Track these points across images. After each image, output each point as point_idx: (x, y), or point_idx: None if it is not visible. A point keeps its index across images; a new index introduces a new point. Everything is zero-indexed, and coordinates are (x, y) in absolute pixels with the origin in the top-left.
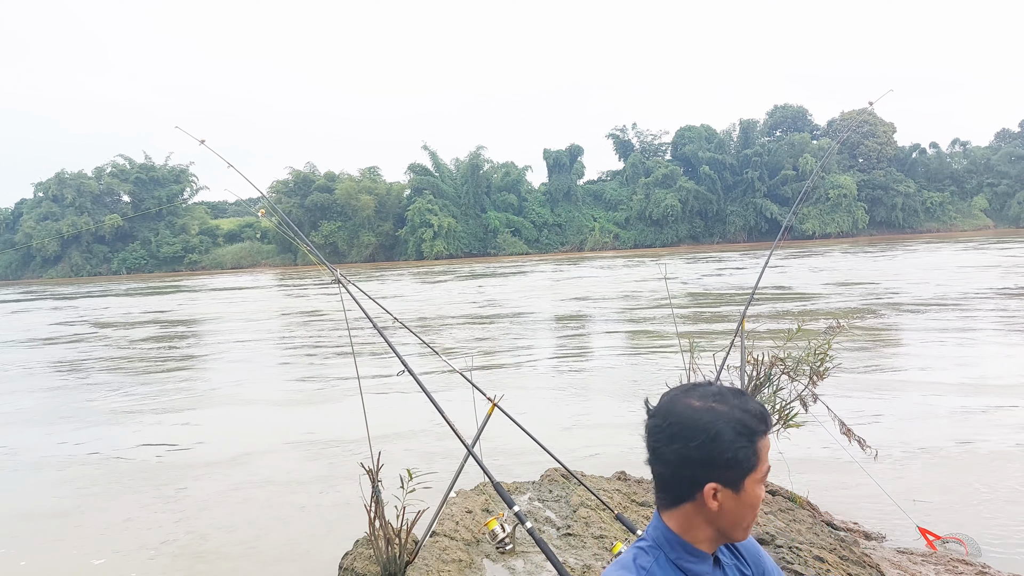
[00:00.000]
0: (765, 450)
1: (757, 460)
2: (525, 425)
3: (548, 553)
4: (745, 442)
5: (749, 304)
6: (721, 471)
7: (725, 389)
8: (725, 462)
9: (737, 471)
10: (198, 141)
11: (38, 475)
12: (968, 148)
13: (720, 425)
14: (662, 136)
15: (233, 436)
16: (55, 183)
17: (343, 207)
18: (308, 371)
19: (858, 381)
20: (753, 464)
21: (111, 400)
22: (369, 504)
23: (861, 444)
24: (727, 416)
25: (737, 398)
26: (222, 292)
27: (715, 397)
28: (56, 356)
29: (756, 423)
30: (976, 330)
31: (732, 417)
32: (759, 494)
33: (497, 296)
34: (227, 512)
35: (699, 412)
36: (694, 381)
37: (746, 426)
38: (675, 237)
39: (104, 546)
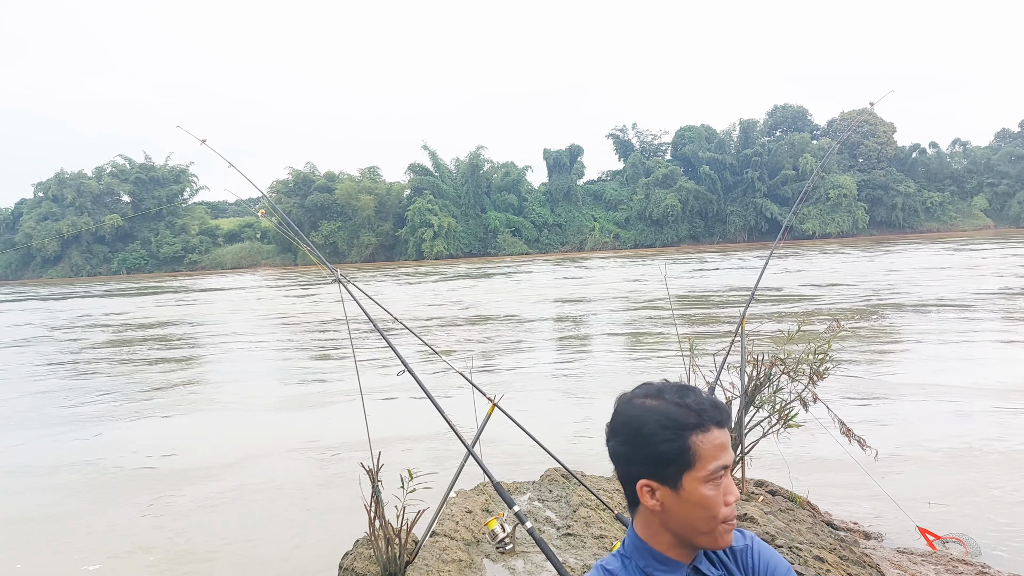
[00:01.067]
0: (707, 446)
1: (692, 456)
2: (525, 425)
3: (548, 553)
4: (670, 435)
5: (749, 304)
6: (651, 467)
7: (670, 386)
8: (649, 457)
9: (669, 467)
10: (199, 140)
11: (28, 480)
12: (968, 148)
13: (645, 419)
14: (662, 136)
15: (232, 437)
16: (55, 183)
17: (343, 207)
18: (307, 371)
19: (858, 381)
20: (688, 460)
21: (110, 403)
22: (369, 504)
23: (861, 444)
24: (655, 410)
25: (675, 393)
26: (216, 293)
27: (654, 394)
28: (50, 359)
29: (686, 416)
30: (977, 331)
31: (659, 411)
32: (708, 495)
33: (497, 296)
34: (227, 512)
35: (631, 408)
36: (660, 382)
37: (672, 419)
38: (675, 237)
39: (99, 551)
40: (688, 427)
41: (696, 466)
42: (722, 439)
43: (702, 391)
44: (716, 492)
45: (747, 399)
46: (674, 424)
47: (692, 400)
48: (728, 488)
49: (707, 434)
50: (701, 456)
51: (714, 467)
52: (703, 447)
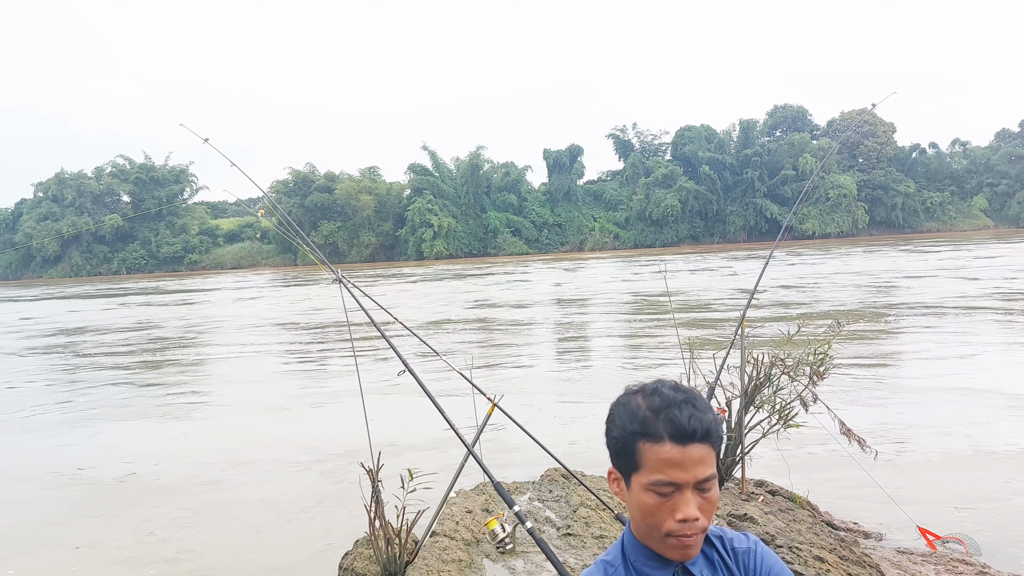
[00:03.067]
0: (652, 457)
1: (637, 460)
2: (525, 425)
3: (548, 553)
4: (618, 433)
5: (749, 304)
6: (612, 457)
7: (664, 389)
8: (609, 446)
9: (620, 461)
10: (202, 140)
11: (9, 488)
12: (968, 148)
13: (615, 410)
14: (662, 136)
15: (232, 438)
16: (55, 183)
17: (343, 207)
18: (307, 372)
19: (858, 381)
20: (634, 463)
21: (109, 405)
22: (369, 504)
23: (861, 444)
24: (625, 405)
25: (655, 397)
26: (215, 293)
27: (642, 390)
28: (44, 363)
29: (635, 421)
30: (977, 331)
31: (627, 407)
32: (647, 502)
33: (497, 296)
34: (226, 513)
35: (621, 397)
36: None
37: (626, 419)
38: (675, 237)
39: (90, 562)
40: (635, 432)
41: (640, 471)
42: (673, 455)
43: (697, 404)
44: (657, 502)
45: (747, 399)
46: (625, 424)
47: (658, 406)
48: (678, 505)
49: (657, 445)
50: (645, 464)
51: (655, 479)
52: (648, 456)
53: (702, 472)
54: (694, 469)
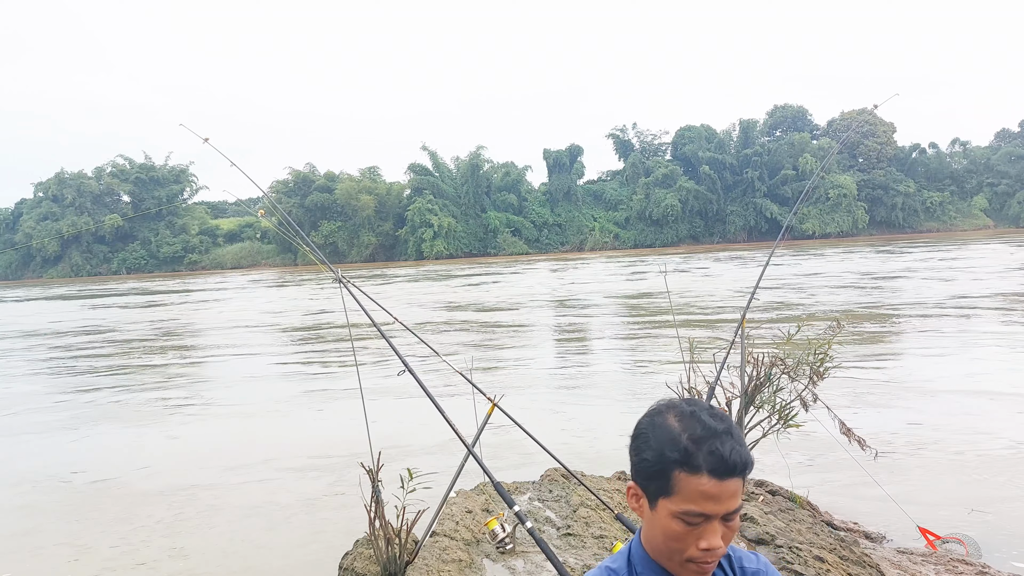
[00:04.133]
0: (689, 487)
1: (671, 487)
2: (525, 425)
3: (548, 553)
4: (655, 457)
5: (749, 304)
6: (638, 475)
7: (702, 414)
8: (636, 465)
9: (650, 483)
10: (202, 139)
11: (10, 491)
12: (968, 148)
13: (649, 430)
14: (662, 136)
15: (231, 438)
16: (55, 183)
17: (343, 207)
18: (307, 372)
19: (858, 381)
20: (666, 488)
21: (103, 408)
22: (369, 504)
23: (861, 444)
24: (662, 427)
25: (698, 425)
26: (214, 293)
27: (680, 413)
28: (35, 364)
29: (684, 452)
30: (977, 331)
31: (663, 430)
32: (675, 529)
33: (497, 296)
34: (225, 513)
35: (652, 413)
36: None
37: (664, 444)
38: (675, 237)
39: (88, 567)
40: (674, 461)
41: (672, 498)
42: (711, 489)
43: (735, 435)
44: (684, 531)
45: (747, 399)
46: (664, 450)
47: (700, 436)
48: (704, 535)
49: (695, 476)
50: (680, 492)
51: (687, 509)
52: (683, 486)
53: (733, 504)
54: (727, 502)
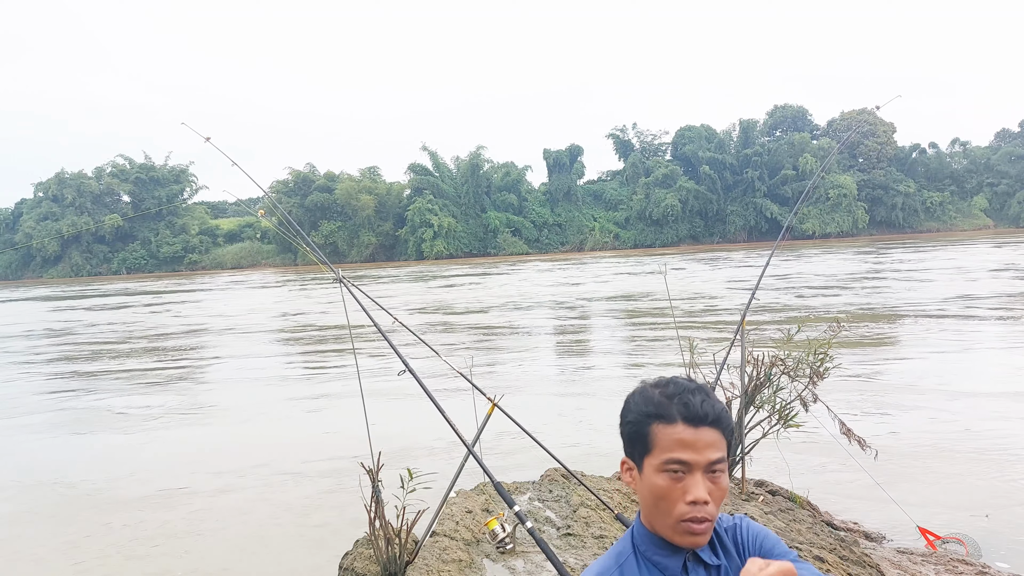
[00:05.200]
0: (665, 436)
1: (650, 442)
2: (525, 425)
3: (548, 553)
4: (634, 418)
5: (749, 304)
6: (626, 446)
7: (676, 380)
8: (623, 435)
9: (634, 448)
10: (204, 138)
11: (2, 494)
12: (968, 148)
13: (630, 400)
14: (662, 136)
15: (230, 438)
16: (55, 183)
17: (343, 207)
18: (306, 372)
19: (858, 382)
20: (646, 445)
21: (100, 411)
22: (369, 504)
23: (861, 444)
24: (640, 394)
25: (668, 385)
26: (213, 293)
27: (656, 383)
28: (39, 367)
29: (657, 406)
30: (977, 332)
31: (641, 396)
32: (659, 484)
33: (497, 296)
34: (225, 513)
35: (635, 390)
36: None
37: (640, 405)
38: (675, 237)
39: (89, 564)
40: (650, 415)
41: (652, 452)
42: (685, 436)
43: (709, 393)
44: (669, 484)
45: (747, 399)
46: (640, 409)
47: (672, 390)
48: (689, 487)
49: (670, 426)
50: (657, 444)
51: (666, 458)
52: (661, 437)
53: (713, 454)
54: (705, 451)
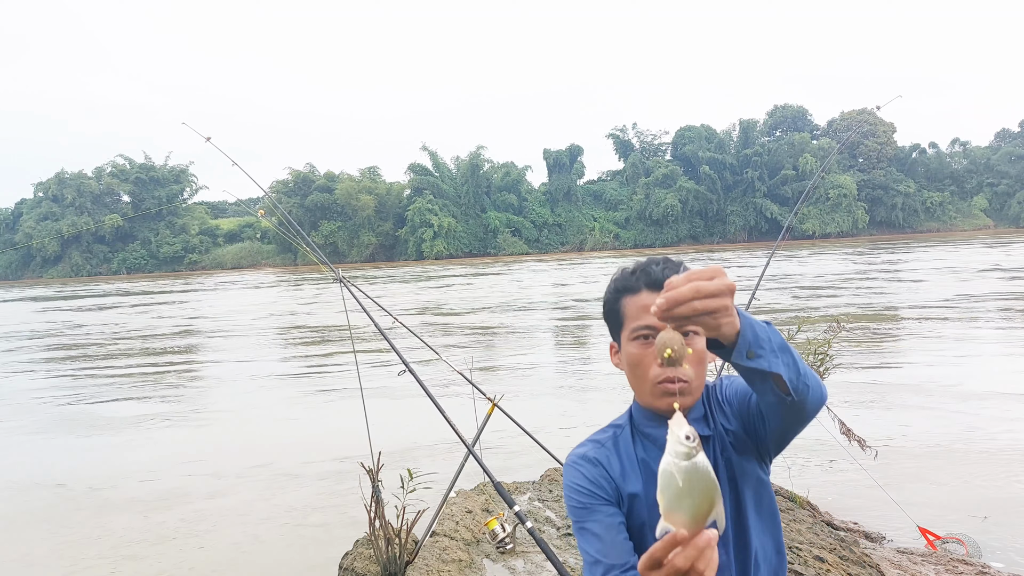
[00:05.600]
0: (632, 306)
1: (622, 316)
2: (525, 425)
3: (548, 553)
4: (611, 296)
5: (749, 304)
6: (610, 328)
7: (647, 259)
8: (604, 319)
9: (612, 327)
10: (204, 138)
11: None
12: (968, 148)
13: (608, 284)
14: (662, 136)
15: (230, 438)
16: (55, 183)
17: (343, 207)
18: (307, 372)
19: (858, 381)
20: (619, 320)
21: (98, 413)
22: (369, 504)
23: (861, 444)
24: (613, 278)
25: (637, 263)
26: (213, 293)
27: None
28: (33, 367)
29: (623, 281)
30: (978, 332)
31: (615, 276)
32: (633, 352)
33: (497, 296)
34: (225, 514)
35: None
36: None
37: (617, 282)
38: (675, 237)
39: (87, 568)
40: (617, 291)
41: (624, 325)
42: (649, 301)
43: (668, 261)
44: (641, 350)
45: None
46: (616, 287)
47: (637, 267)
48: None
49: (635, 296)
50: (627, 315)
51: (636, 325)
52: (629, 307)
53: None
54: None
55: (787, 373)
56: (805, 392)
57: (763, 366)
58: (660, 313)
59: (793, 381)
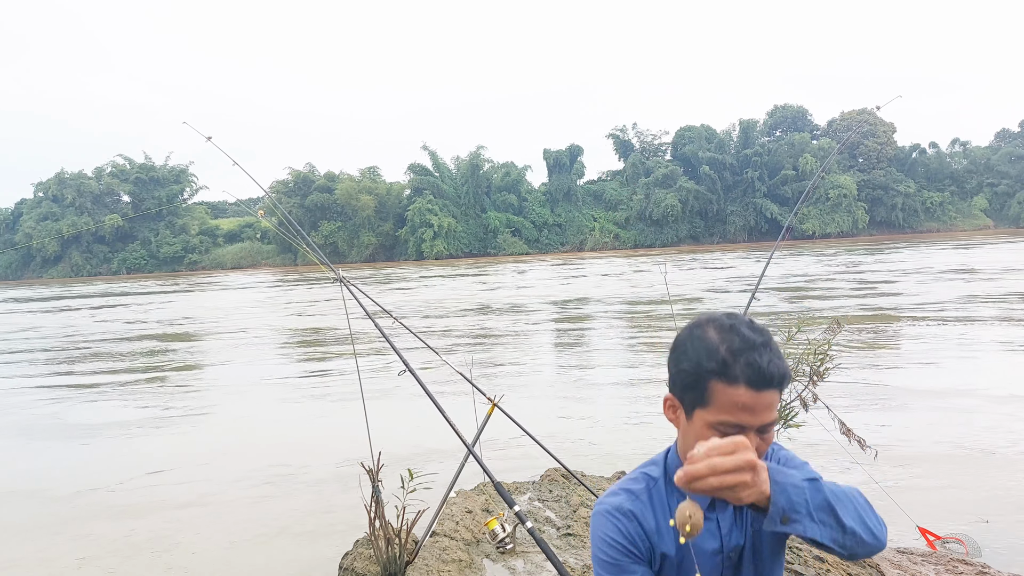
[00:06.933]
0: (725, 398)
1: (707, 397)
2: (525, 425)
3: (548, 553)
4: (699, 370)
5: (750, 304)
6: (675, 386)
7: (742, 326)
8: (674, 376)
9: (686, 394)
10: (205, 137)
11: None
12: (968, 148)
13: (688, 342)
14: (662, 136)
15: (231, 438)
16: (55, 183)
17: (343, 207)
18: (306, 373)
19: (858, 382)
20: (702, 398)
21: (97, 414)
22: (369, 504)
23: (861, 444)
24: (700, 339)
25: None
26: (212, 293)
27: (720, 326)
28: (26, 367)
29: (717, 363)
30: (976, 332)
31: (702, 342)
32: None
33: (497, 297)
34: (226, 513)
35: (693, 326)
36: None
37: (702, 355)
38: (675, 237)
39: (86, 570)
40: (711, 371)
41: (707, 408)
42: (746, 399)
43: (773, 348)
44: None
45: None
46: (701, 360)
47: (738, 348)
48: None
49: (731, 387)
50: (715, 402)
51: (723, 420)
52: (720, 396)
53: (768, 417)
54: (762, 414)
55: (829, 535)
56: (854, 547)
57: (799, 531)
58: (679, 484)
59: (838, 540)
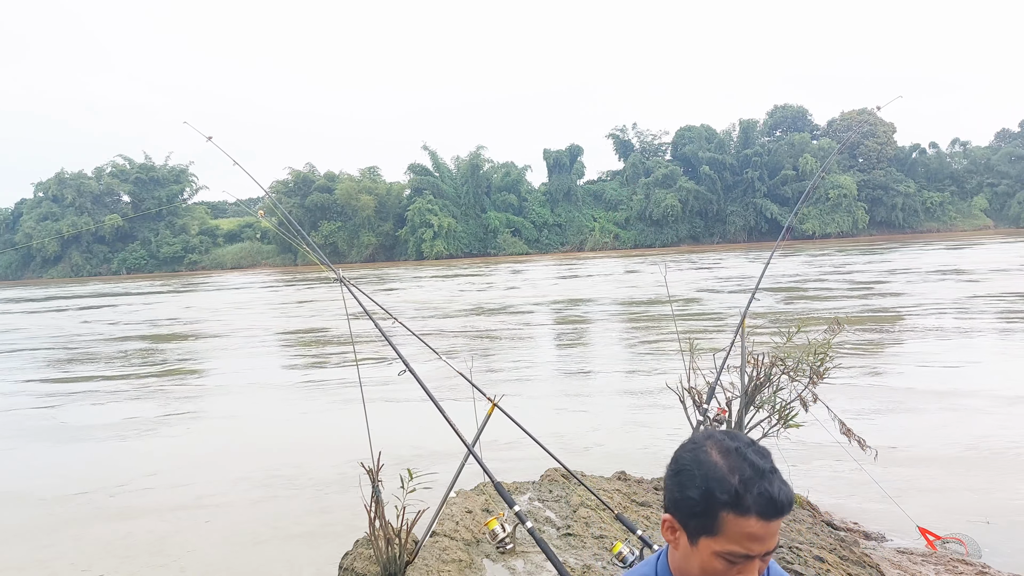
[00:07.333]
0: (735, 530)
1: (717, 527)
2: (525, 425)
3: (548, 553)
4: (704, 498)
5: (750, 304)
6: (678, 510)
7: (749, 451)
8: (678, 501)
9: (691, 521)
10: (205, 137)
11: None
12: (968, 148)
13: (692, 466)
14: (662, 136)
15: (231, 438)
16: (55, 183)
17: (343, 207)
18: (306, 372)
19: (858, 382)
20: (710, 528)
21: (96, 416)
22: (369, 504)
23: (861, 444)
24: (707, 464)
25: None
26: (212, 294)
27: (725, 449)
28: (27, 367)
29: (729, 495)
30: (976, 333)
31: (709, 468)
32: (716, 567)
33: (497, 297)
34: (226, 513)
35: (694, 447)
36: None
37: (720, 486)
38: (675, 237)
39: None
40: (723, 503)
41: (717, 538)
42: (758, 531)
43: (776, 470)
44: (725, 568)
45: (747, 399)
46: (713, 492)
47: (749, 477)
48: (744, 571)
49: (743, 519)
50: (726, 533)
51: (732, 550)
52: (730, 528)
53: (773, 543)
54: (769, 541)
55: None
56: None
57: None
58: None
59: None
